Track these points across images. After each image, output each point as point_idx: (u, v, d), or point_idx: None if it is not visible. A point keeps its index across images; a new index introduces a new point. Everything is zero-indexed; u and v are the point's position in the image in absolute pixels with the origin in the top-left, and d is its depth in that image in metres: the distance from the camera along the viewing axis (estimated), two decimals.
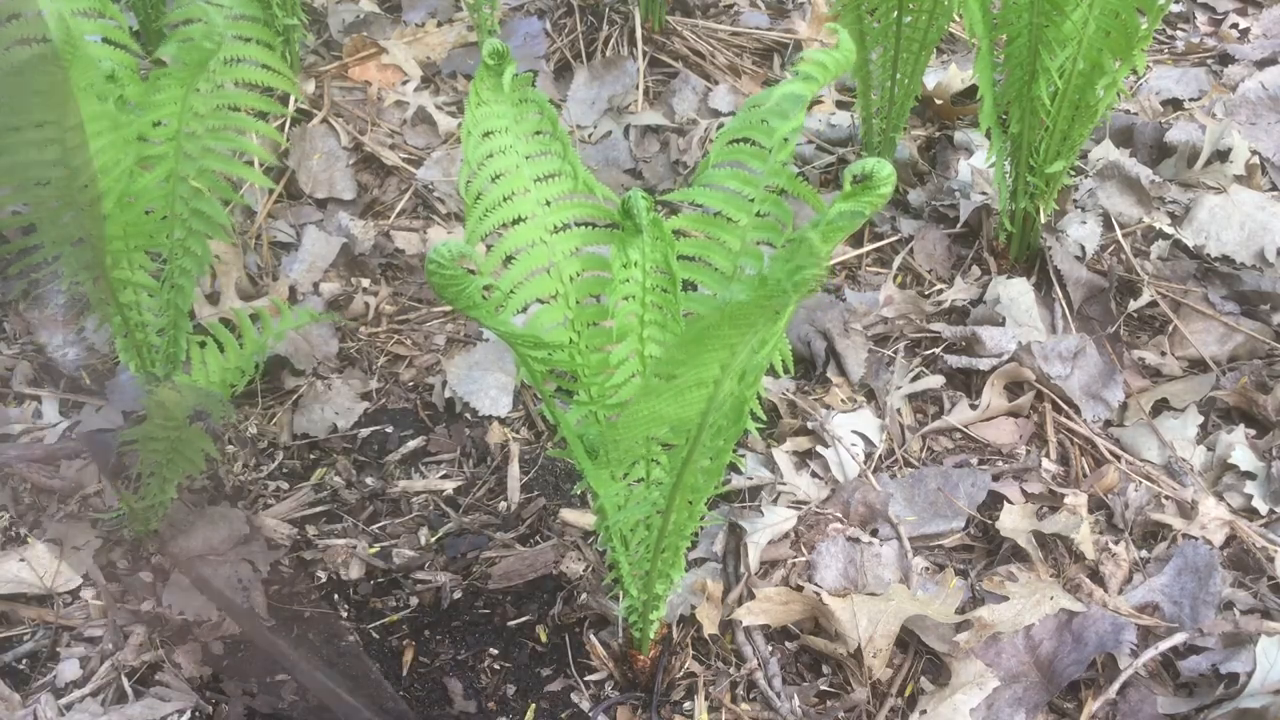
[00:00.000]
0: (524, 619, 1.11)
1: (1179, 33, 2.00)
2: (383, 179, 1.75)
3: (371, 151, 1.77)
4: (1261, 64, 1.84)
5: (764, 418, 1.04)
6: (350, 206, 1.69)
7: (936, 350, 1.38)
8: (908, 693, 1.02)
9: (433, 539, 1.20)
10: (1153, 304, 1.43)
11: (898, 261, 1.54)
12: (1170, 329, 1.40)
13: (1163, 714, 0.99)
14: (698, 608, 1.07)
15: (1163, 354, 1.38)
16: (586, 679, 1.05)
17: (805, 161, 1.73)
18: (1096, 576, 1.11)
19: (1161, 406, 1.31)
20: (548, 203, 0.87)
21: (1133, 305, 1.43)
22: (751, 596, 1.09)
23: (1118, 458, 1.24)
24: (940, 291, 1.49)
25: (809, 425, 1.29)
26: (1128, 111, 1.77)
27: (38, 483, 1.24)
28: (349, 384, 1.37)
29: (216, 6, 1.08)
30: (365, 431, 1.33)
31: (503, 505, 1.23)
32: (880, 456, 1.26)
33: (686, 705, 1.02)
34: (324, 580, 1.15)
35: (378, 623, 1.11)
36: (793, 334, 1.39)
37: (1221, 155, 1.61)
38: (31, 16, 1.03)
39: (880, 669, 1.02)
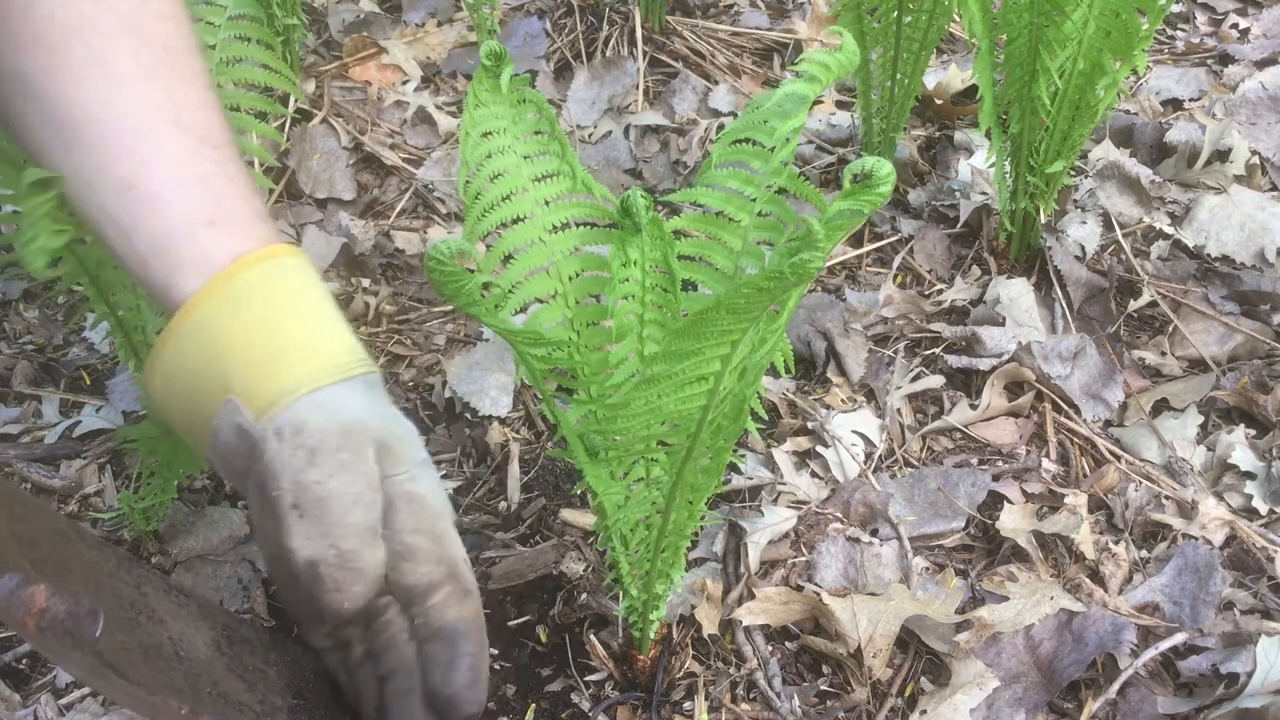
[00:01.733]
0: (524, 619, 1.10)
1: (1179, 33, 2.01)
2: (383, 179, 1.75)
3: (371, 151, 1.77)
4: (1261, 64, 1.84)
5: (764, 417, 1.04)
6: (350, 206, 1.69)
7: (936, 350, 1.38)
8: (908, 693, 1.02)
9: None
10: (1153, 304, 1.43)
11: (898, 261, 1.54)
12: (1170, 329, 1.40)
13: (1163, 714, 0.99)
14: (698, 608, 1.07)
15: (1163, 354, 1.38)
16: (586, 679, 1.05)
17: (806, 161, 1.73)
18: (1096, 576, 1.11)
19: (1161, 406, 1.31)
20: (546, 202, 0.87)
21: (1133, 305, 1.43)
22: (751, 596, 1.09)
23: (1118, 458, 1.24)
24: (940, 291, 1.49)
25: (809, 425, 1.29)
26: (1128, 111, 1.77)
27: (38, 483, 1.24)
28: None
29: (216, 7, 1.08)
30: None
31: (503, 505, 1.23)
32: (880, 456, 1.26)
33: (686, 705, 1.02)
34: None
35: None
36: (793, 334, 1.40)
37: (1221, 155, 1.61)
38: None
39: (880, 669, 1.02)
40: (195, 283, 0.73)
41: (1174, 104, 1.81)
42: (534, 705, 1.03)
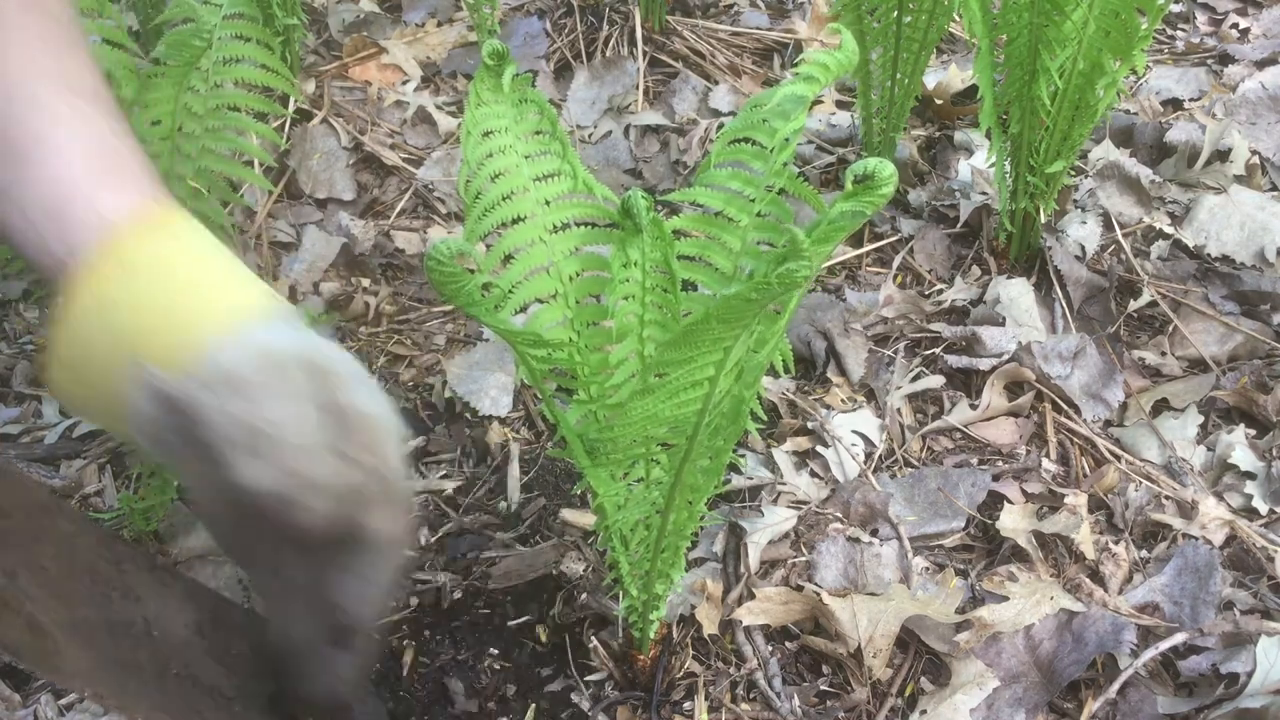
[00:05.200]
0: (524, 619, 1.10)
1: (1179, 33, 2.00)
2: (383, 179, 1.75)
3: (371, 151, 1.77)
4: (1261, 64, 1.84)
5: (764, 418, 1.04)
6: (350, 206, 1.69)
7: (936, 350, 1.38)
8: (908, 693, 1.02)
9: (433, 539, 1.19)
10: (1153, 304, 1.43)
11: (898, 261, 1.54)
12: (1170, 329, 1.40)
13: (1163, 714, 0.99)
14: (698, 608, 1.07)
15: (1163, 354, 1.38)
16: (586, 679, 1.05)
17: (805, 161, 1.73)
18: (1096, 576, 1.11)
19: (1161, 406, 1.31)
20: (547, 202, 0.87)
21: (1133, 305, 1.43)
22: (751, 596, 1.09)
23: (1118, 458, 1.24)
24: (940, 291, 1.49)
25: (809, 425, 1.29)
26: (1128, 111, 1.77)
27: (37, 483, 1.24)
28: None
29: (214, 6, 1.08)
30: None
31: (503, 505, 1.23)
32: (880, 456, 1.26)
33: (686, 705, 1.02)
34: None
35: (378, 622, 1.10)
36: (793, 334, 1.39)
37: (1221, 155, 1.61)
38: None
39: (880, 669, 1.02)
40: (91, 243, 0.67)
41: (1174, 104, 1.81)
42: (534, 705, 1.03)
